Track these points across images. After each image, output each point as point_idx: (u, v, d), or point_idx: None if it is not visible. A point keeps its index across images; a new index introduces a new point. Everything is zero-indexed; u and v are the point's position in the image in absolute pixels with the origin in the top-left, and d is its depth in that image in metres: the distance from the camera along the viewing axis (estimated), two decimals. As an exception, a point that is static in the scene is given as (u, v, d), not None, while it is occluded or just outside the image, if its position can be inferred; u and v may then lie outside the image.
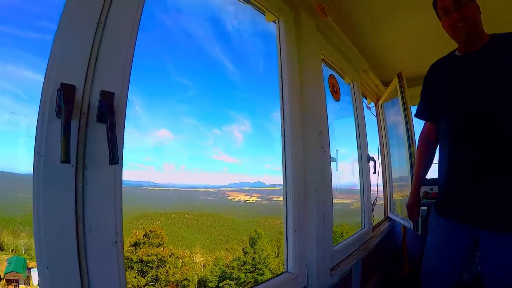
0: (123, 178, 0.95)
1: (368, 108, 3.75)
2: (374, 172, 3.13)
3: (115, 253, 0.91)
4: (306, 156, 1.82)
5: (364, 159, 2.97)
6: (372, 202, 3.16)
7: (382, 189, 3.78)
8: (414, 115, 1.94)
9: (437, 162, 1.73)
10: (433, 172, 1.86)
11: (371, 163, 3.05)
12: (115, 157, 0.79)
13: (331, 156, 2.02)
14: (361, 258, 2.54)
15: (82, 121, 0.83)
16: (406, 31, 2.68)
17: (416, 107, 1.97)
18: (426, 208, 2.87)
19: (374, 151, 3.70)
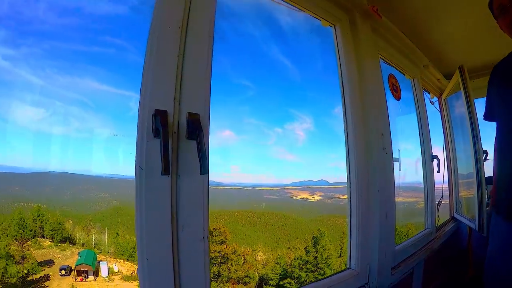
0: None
1: (432, 103, 3.55)
2: (438, 171, 2.98)
3: (202, 247, 1.06)
4: (369, 158, 1.85)
5: (428, 157, 2.85)
6: (437, 201, 3.02)
7: (447, 187, 3.56)
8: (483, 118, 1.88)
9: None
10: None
11: (435, 161, 2.91)
12: (205, 168, 0.94)
13: (394, 157, 2.01)
14: (424, 258, 2.47)
15: (174, 139, 0.99)
16: (465, 21, 2.49)
17: (480, 99, 1.90)
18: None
19: (440, 146, 3.51)
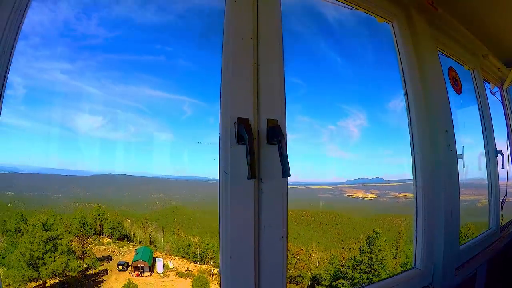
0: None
1: (492, 93, 3.34)
2: (502, 167, 2.81)
3: (281, 245, 1.13)
4: (434, 155, 1.82)
5: (491, 152, 2.71)
6: (501, 199, 2.85)
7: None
8: None
9: None
10: None
11: (499, 156, 2.75)
12: (287, 171, 1.00)
13: (457, 153, 1.96)
14: (487, 259, 2.39)
15: (255, 144, 1.06)
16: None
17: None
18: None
19: (503, 140, 3.30)
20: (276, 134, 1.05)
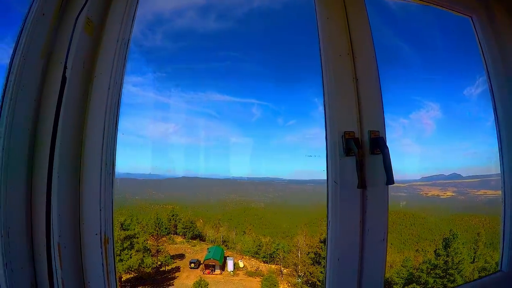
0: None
1: None
2: None
3: (382, 247, 1.31)
4: None
5: None
6: None
7: None
8: None
9: None
10: None
11: None
12: (391, 180, 1.17)
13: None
14: None
15: (360, 155, 1.24)
16: None
17: None
18: None
19: None
20: (379, 145, 1.22)
